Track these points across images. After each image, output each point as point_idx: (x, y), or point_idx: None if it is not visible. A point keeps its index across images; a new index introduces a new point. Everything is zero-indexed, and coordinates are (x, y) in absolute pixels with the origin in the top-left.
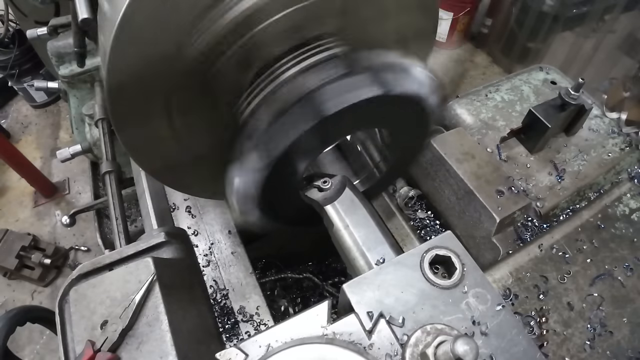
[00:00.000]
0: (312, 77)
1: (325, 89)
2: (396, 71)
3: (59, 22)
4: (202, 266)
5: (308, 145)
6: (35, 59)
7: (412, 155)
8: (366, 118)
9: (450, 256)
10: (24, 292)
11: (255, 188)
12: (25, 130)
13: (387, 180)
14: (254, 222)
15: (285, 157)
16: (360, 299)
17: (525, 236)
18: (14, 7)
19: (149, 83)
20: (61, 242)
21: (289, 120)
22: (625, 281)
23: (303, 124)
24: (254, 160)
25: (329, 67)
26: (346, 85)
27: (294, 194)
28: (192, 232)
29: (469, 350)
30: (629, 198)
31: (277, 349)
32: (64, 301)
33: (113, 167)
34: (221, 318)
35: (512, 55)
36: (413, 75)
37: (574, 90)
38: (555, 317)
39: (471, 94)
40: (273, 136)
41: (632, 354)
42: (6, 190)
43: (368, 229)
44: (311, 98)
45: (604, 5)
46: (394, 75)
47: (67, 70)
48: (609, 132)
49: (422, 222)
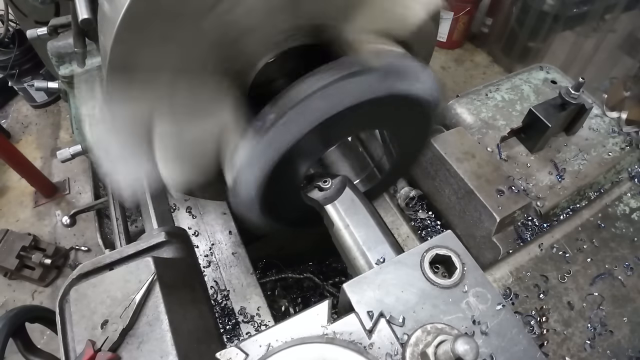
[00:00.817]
0: (314, 78)
1: (326, 90)
2: (397, 72)
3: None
4: (203, 267)
5: (309, 147)
6: (35, 58)
7: (413, 156)
8: (367, 119)
9: (451, 255)
10: (25, 292)
11: (256, 190)
12: (26, 130)
13: (389, 180)
14: (256, 223)
15: (287, 159)
16: (361, 298)
17: (525, 235)
18: (14, 7)
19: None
20: (61, 242)
21: (290, 121)
22: (625, 280)
23: (304, 125)
24: (255, 162)
25: (331, 68)
26: (347, 86)
27: (296, 195)
28: (192, 232)
29: (469, 349)
30: (629, 197)
31: (277, 348)
32: (64, 301)
33: None
34: (222, 319)
35: (513, 54)
36: (414, 76)
37: (574, 89)
38: (555, 317)
39: (471, 94)
40: (274, 138)
41: (633, 353)
42: (6, 190)
43: (368, 228)
44: (313, 99)
45: (605, 4)
46: (395, 76)
47: (67, 71)
48: (609, 132)
49: (423, 223)
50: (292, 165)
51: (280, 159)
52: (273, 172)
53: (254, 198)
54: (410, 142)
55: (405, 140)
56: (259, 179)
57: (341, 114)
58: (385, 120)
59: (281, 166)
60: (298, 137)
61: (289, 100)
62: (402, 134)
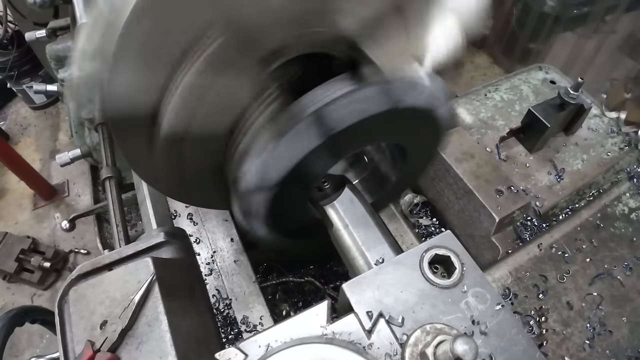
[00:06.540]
0: (320, 92)
1: (334, 104)
2: (405, 83)
3: (58, 25)
4: (204, 275)
5: (316, 162)
6: (34, 60)
7: (422, 165)
8: (376, 132)
9: (450, 256)
10: (24, 295)
11: (263, 206)
12: (24, 132)
13: (397, 190)
14: (262, 237)
15: (293, 175)
16: (360, 298)
17: (524, 235)
18: (13, 9)
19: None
20: (61, 245)
21: (297, 137)
22: (624, 280)
23: (311, 140)
24: (261, 178)
25: (333, 82)
26: (355, 100)
27: (302, 208)
28: (194, 239)
29: (469, 349)
30: (628, 197)
31: (276, 348)
32: (63, 301)
33: (113, 173)
34: (224, 328)
35: (513, 56)
36: (423, 86)
37: (573, 89)
38: (554, 317)
39: (470, 94)
40: (281, 153)
41: (632, 353)
42: (5, 192)
43: (367, 228)
44: (320, 114)
45: (605, 6)
46: (403, 88)
47: (66, 74)
48: (608, 132)
49: (426, 230)
50: (298, 181)
51: (287, 177)
52: (280, 189)
53: (261, 215)
54: (419, 152)
55: (415, 150)
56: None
57: (349, 129)
58: (394, 132)
59: (288, 183)
60: (304, 154)
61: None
62: (412, 144)
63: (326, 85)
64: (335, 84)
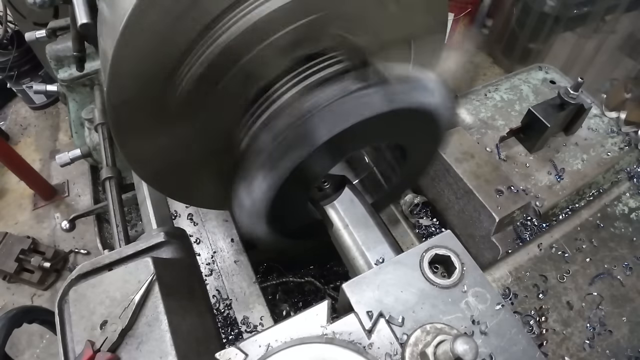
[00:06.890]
0: (318, 94)
1: (332, 105)
2: (406, 83)
3: (58, 25)
4: (204, 275)
5: (316, 163)
6: (34, 60)
7: (422, 166)
8: (376, 133)
9: (450, 255)
10: (24, 295)
11: (264, 207)
12: (24, 132)
13: (397, 191)
14: (262, 237)
15: (294, 176)
16: (360, 298)
17: (524, 235)
18: (13, 9)
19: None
20: (61, 245)
21: (297, 138)
22: (624, 280)
23: (311, 142)
24: (262, 180)
25: (335, 83)
26: (355, 101)
27: (303, 208)
28: (194, 240)
29: (469, 349)
30: (628, 197)
31: (276, 348)
32: (63, 301)
33: (113, 174)
34: (224, 329)
35: (513, 56)
36: (423, 87)
37: (573, 89)
38: (554, 316)
39: (470, 94)
40: (281, 155)
41: (632, 353)
42: (5, 192)
43: (367, 228)
44: (322, 114)
45: (606, 6)
46: (403, 88)
47: (66, 74)
48: (608, 132)
49: (427, 230)
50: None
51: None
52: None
53: (262, 215)
54: (420, 152)
55: (415, 150)
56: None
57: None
58: (394, 133)
59: (288, 184)
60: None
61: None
62: (412, 145)
63: (330, 85)
64: (338, 84)
